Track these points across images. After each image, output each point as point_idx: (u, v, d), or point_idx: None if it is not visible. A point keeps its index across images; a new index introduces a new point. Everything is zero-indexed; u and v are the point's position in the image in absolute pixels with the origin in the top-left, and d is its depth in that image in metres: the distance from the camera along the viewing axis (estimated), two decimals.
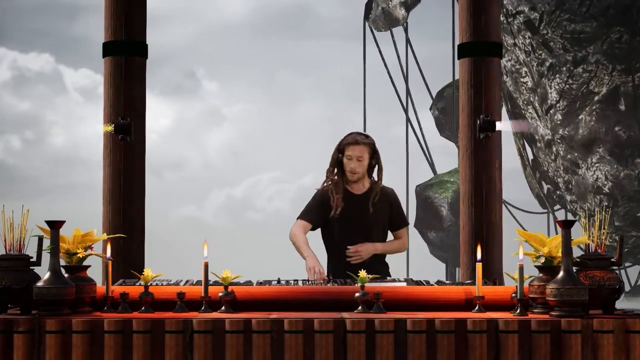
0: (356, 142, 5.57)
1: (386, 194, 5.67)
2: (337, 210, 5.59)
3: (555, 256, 4.00)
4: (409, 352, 3.77)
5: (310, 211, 5.66)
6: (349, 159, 5.57)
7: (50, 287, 3.89)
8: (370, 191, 5.65)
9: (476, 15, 6.53)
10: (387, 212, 5.68)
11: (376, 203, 5.64)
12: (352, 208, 5.61)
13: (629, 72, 19.21)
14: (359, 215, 5.62)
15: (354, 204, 5.62)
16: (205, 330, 3.78)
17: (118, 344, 3.79)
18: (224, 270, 4.10)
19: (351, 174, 5.59)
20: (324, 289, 4.28)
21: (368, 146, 5.58)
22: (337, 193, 5.61)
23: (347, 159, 5.57)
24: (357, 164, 5.56)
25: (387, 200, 5.69)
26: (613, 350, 3.77)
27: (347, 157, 5.57)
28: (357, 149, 5.57)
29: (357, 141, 5.57)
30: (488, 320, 3.80)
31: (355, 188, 5.66)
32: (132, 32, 6.70)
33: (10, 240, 4.08)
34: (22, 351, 3.78)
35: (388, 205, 5.69)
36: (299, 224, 5.61)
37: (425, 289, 4.30)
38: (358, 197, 5.65)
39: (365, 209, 5.62)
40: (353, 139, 5.59)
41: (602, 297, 4.00)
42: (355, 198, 5.64)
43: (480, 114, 6.35)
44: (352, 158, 5.56)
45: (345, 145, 5.59)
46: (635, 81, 19.18)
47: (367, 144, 5.58)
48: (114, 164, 6.66)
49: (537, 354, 3.77)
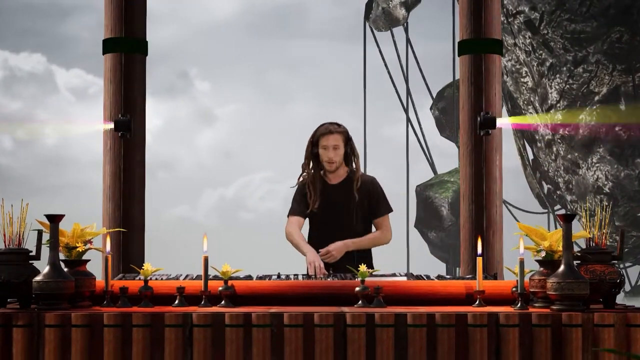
0: (330, 132, 5.55)
1: (365, 181, 5.64)
2: (316, 203, 5.57)
3: (556, 250, 3.99)
4: (409, 346, 3.76)
5: (297, 205, 5.64)
6: (325, 149, 5.54)
7: (49, 281, 3.88)
8: (349, 180, 5.63)
9: (477, 12, 6.52)
10: (366, 200, 5.64)
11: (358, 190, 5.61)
12: (332, 198, 5.58)
13: (629, 72, 19.20)
14: (339, 205, 5.59)
15: (333, 194, 5.60)
16: (205, 324, 3.77)
17: (117, 338, 3.78)
18: (224, 264, 4.09)
19: (329, 164, 5.57)
20: (324, 284, 4.26)
21: (342, 134, 5.57)
22: (314, 187, 5.58)
23: (323, 149, 5.55)
24: (334, 153, 5.55)
25: (366, 187, 5.66)
26: (614, 344, 3.76)
27: (322, 147, 5.55)
28: (332, 138, 5.55)
29: (331, 130, 5.55)
30: (489, 314, 3.79)
31: (333, 178, 5.64)
32: (132, 29, 6.69)
33: (9, 234, 4.06)
34: (21, 345, 3.77)
35: (367, 193, 5.64)
36: (292, 220, 5.59)
37: (425, 283, 4.28)
38: (335, 186, 5.63)
39: (344, 198, 5.59)
40: (326, 129, 5.57)
41: (603, 291, 3.99)
42: (333, 188, 5.62)
43: (481, 111, 6.35)
44: (327, 148, 5.54)
45: (320, 137, 5.57)
46: (635, 81, 19.18)
47: (340, 132, 5.56)
48: (114, 161, 6.66)
49: (538, 348, 3.76)
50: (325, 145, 5.53)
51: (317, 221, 5.63)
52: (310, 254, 5.27)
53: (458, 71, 6.76)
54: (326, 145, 5.53)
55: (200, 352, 3.75)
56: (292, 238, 5.51)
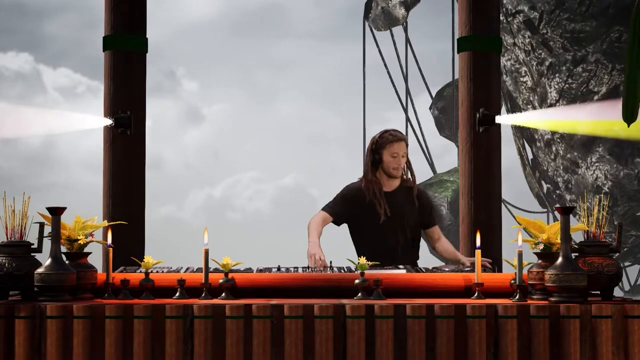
0: (399, 139, 5.55)
1: (420, 190, 5.67)
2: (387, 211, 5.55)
3: (554, 243, 4.02)
4: (408, 337, 3.79)
5: (336, 205, 5.63)
6: (394, 157, 5.54)
7: (51, 273, 3.91)
8: (403, 187, 5.64)
9: (476, 10, 6.56)
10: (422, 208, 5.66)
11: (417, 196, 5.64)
12: (392, 205, 5.59)
13: None
14: (398, 211, 5.60)
15: (393, 200, 5.60)
16: (206, 315, 3.79)
17: (119, 330, 3.80)
18: (224, 257, 4.11)
19: (396, 171, 5.56)
20: (324, 276, 4.29)
21: (405, 142, 5.60)
22: (376, 195, 5.57)
23: (393, 157, 5.53)
24: (402, 160, 5.56)
25: (421, 196, 5.69)
26: (611, 336, 3.79)
27: (392, 155, 5.53)
28: (400, 145, 5.55)
29: (400, 138, 5.56)
30: (487, 305, 3.82)
31: (388, 186, 5.66)
32: (132, 26, 6.73)
33: (11, 227, 4.09)
34: (23, 336, 3.80)
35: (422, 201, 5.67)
36: (320, 214, 5.58)
37: (424, 276, 4.31)
38: (393, 193, 5.64)
39: (404, 205, 5.60)
40: (395, 137, 5.56)
41: (601, 283, 4.02)
42: (391, 195, 5.63)
43: (480, 108, 6.39)
44: (397, 155, 5.54)
45: (388, 144, 5.54)
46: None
47: (405, 140, 5.60)
48: (114, 157, 6.69)
49: (536, 339, 3.79)
50: (396, 152, 5.53)
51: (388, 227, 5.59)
52: (313, 246, 5.28)
53: (457, 70, 6.80)
54: (396, 153, 5.54)
55: (201, 343, 3.78)
56: (309, 226, 5.48)
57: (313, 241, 5.32)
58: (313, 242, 5.31)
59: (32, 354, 3.80)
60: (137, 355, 3.78)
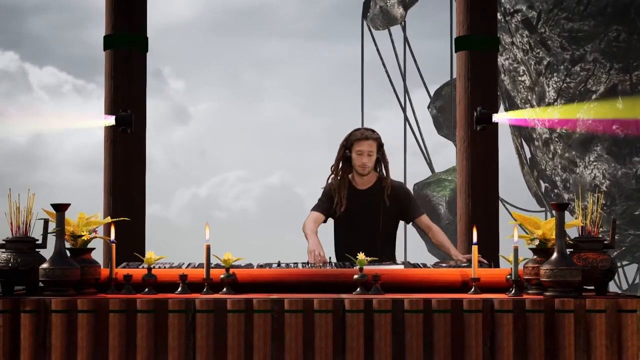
0: (366, 137, 5.66)
1: (395, 187, 5.76)
2: (342, 207, 5.69)
3: (549, 238, 4.10)
4: (406, 331, 3.87)
5: (321, 204, 5.78)
6: (359, 154, 5.66)
7: (55, 269, 3.98)
8: (378, 185, 5.74)
9: (473, 9, 6.62)
10: (398, 205, 5.75)
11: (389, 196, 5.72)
12: (359, 203, 5.70)
13: (626, 70, 19.26)
14: (366, 210, 5.71)
15: (361, 199, 5.71)
16: (208, 309, 3.88)
17: (122, 323, 3.88)
18: (225, 252, 4.19)
19: (362, 168, 5.67)
20: (323, 272, 4.37)
21: (376, 140, 5.69)
22: (341, 190, 5.70)
23: (357, 154, 5.65)
24: (368, 159, 5.66)
25: (396, 193, 5.77)
26: (605, 330, 3.87)
27: (357, 152, 5.65)
28: (367, 143, 5.66)
29: (367, 136, 5.67)
30: (483, 300, 3.90)
31: (361, 183, 5.75)
32: (133, 26, 6.79)
33: (16, 223, 4.17)
34: (28, 330, 3.88)
35: (397, 198, 5.76)
36: (311, 215, 5.72)
37: (422, 271, 4.39)
38: (364, 192, 5.74)
39: (373, 203, 5.71)
40: (362, 135, 5.68)
41: (595, 278, 4.10)
42: (361, 193, 5.73)
43: (477, 106, 6.45)
44: (362, 153, 5.65)
45: (355, 141, 5.67)
46: (632, 80, 19.26)
47: (375, 139, 5.68)
48: (115, 155, 6.76)
49: (532, 333, 3.87)
50: (361, 150, 5.65)
51: (343, 225, 5.75)
52: (312, 242, 5.38)
53: (455, 71, 6.87)
54: (361, 151, 5.65)
55: (203, 337, 3.86)
56: (305, 229, 5.62)
57: (313, 238, 5.43)
58: (313, 240, 5.41)
59: (37, 347, 3.89)
60: (141, 348, 3.86)
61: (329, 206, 5.75)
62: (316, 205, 5.78)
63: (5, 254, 4.14)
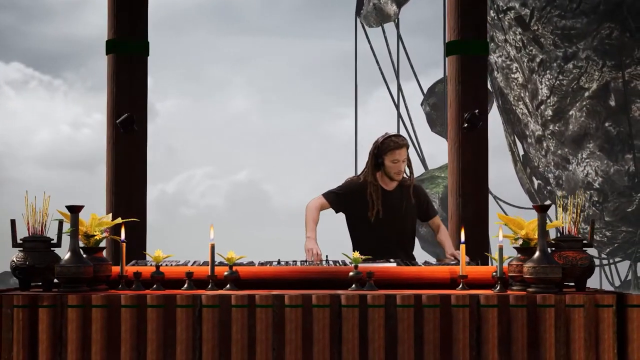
0: (400, 146, 5.85)
1: (416, 186, 5.99)
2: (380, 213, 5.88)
3: (532, 238, 4.35)
4: (398, 325, 4.13)
5: (337, 194, 5.95)
6: (395, 163, 5.85)
7: (70, 266, 4.24)
8: (402, 185, 5.96)
9: (464, 15, 6.86)
10: (419, 203, 6.00)
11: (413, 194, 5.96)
12: (389, 204, 5.92)
13: (619, 68, 19.41)
14: (397, 209, 5.95)
15: (391, 199, 5.93)
16: (213, 304, 4.14)
17: (133, 317, 4.14)
18: (229, 251, 4.46)
19: (398, 175, 5.88)
20: (321, 269, 4.64)
21: (407, 147, 5.90)
22: (376, 197, 5.89)
23: (393, 162, 5.84)
24: (402, 165, 5.88)
25: (418, 191, 6.01)
26: (583, 323, 4.13)
27: (392, 161, 5.84)
28: (402, 152, 5.86)
29: (401, 145, 5.85)
30: (470, 295, 4.16)
31: (389, 184, 5.97)
32: (134, 30, 7.02)
33: (33, 224, 4.43)
34: (46, 324, 4.14)
35: (419, 197, 6.00)
36: (319, 199, 5.90)
37: (413, 268, 4.66)
38: (392, 192, 5.96)
39: (401, 202, 5.95)
40: (396, 144, 5.86)
41: (575, 275, 4.36)
42: (391, 194, 5.95)
43: (468, 109, 6.70)
44: (398, 161, 5.85)
45: (390, 151, 5.84)
46: (625, 77, 19.43)
47: (407, 146, 5.89)
48: (117, 156, 6.99)
49: (515, 326, 4.13)
50: (397, 158, 5.84)
51: (379, 226, 5.92)
52: (310, 241, 5.62)
53: (447, 72, 7.11)
54: (397, 159, 5.84)
55: (209, 329, 4.12)
56: (308, 212, 5.81)
57: (311, 236, 5.66)
58: (311, 237, 5.65)
59: (54, 339, 4.14)
60: (151, 341, 4.12)
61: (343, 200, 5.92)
62: (330, 193, 5.93)
63: (22, 252, 4.40)
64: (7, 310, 4.15)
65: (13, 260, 4.40)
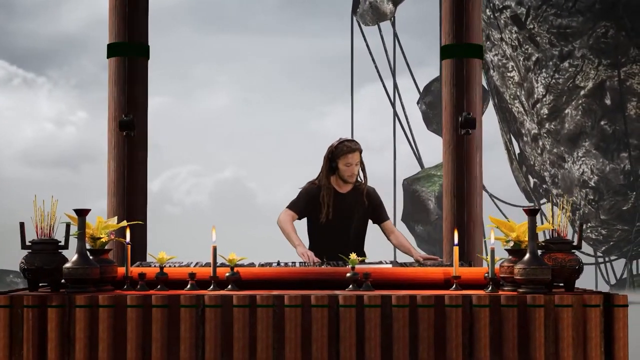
0: (352, 150, 6.08)
1: (369, 190, 6.23)
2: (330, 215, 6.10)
3: (522, 240, 4.51)
4: (394, 324, 4.28)
5: (298, 204, 6.18)
6: (348, 166, 6.09)
7: (77, 268, 4.38)
8: (356, 188, 6.20)
9: (459, 19, 6.98)
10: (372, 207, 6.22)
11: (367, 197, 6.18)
12: (340, 206, 6.15)
13: (614, 66, 19.55)
14: (349, 211, 6.16)
15: (344, 201, 6.15)
16: (216, 304, 4.29)
17: (139, 317, 4.29)
18: (230, 253, 4.61)
19: (351, 178, 6.12)
20: (319, 270, 4.81)
21: (360, 151, 6.12)
22: (328, 199, 6.13)
23: (346, 166, 6.08)
24: (355, 168, 6.11)
25: (370, 195, 6.24)
26: (572, 322, 4.29)
27: (345, 164, 6.08)
28: (355, 156, 6.09)
29: (354, 149, 6.09)
30: (463, 296, 4.32)
31: (343, 187, 6.20)
32: (135, 34, 7.15)
33: (41, 226, 4.58)
34: (55, 323, 4.29)
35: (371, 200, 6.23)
36: (288, 212, 6.13)
37: (408, 269, 4.83)
38: (346, 195, 6.18)
39: (354, 204, 6.16)
40: (348, 148, 6.09)
41: (564, 276, 4.52)
42: (344, 196, 6.17)
43: (462, 112, 6.83)
44: (351, 164, 6.09)
45: (343, 155, 6.08)
46: (620, 76, 19.57)
47: (359, 150, 6.12)
48: (118, 159, 7.12)
49: (506, 325, 4.28)
50: (350, 162, 6.08)
51: (329, 227, 6.15)
52: (300, 247, 5.86)
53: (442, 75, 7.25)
54: (350, 162, 6.08)
55: (212, 329, 4.28)
56: (284, 226, 6.05)
57: (299, 243, 5.90)
58: (300, 244, 5.89)
59: (62, 338, 4.30)
60: (155, 339, 4.28)
61: (307, 207, 6.16)
62: (293, 204, 6.18)
63: (31, 254, 4.55)
64: (18, 310, 4.31)
65: (22, 261, 4.54)
